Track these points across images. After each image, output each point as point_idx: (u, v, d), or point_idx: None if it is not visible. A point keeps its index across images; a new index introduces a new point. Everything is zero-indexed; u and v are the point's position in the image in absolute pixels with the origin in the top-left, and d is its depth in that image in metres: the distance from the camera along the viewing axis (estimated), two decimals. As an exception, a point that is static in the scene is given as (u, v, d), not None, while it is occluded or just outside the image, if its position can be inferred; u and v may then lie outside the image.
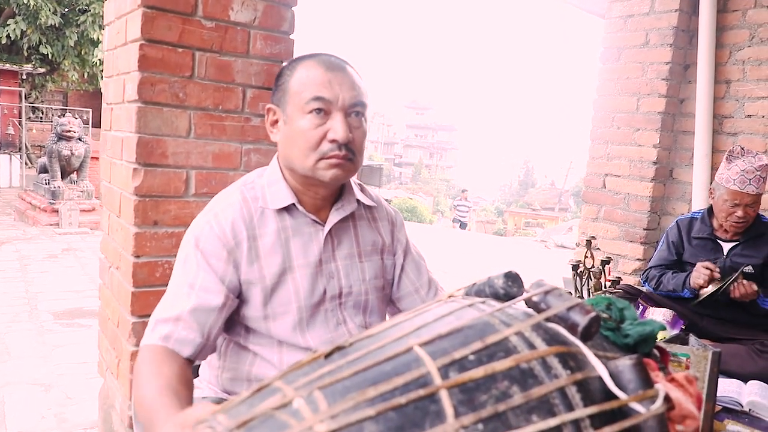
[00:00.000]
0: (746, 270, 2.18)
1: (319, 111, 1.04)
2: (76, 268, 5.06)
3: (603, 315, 0.69)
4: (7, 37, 11.32)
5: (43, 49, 12.08)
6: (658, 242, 2.66)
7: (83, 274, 4.89)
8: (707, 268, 2.21)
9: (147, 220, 1.70)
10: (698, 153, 3.11)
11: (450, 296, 0.71)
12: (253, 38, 1.82)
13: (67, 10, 12.11)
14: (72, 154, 7.63)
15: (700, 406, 0.63)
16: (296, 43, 1.92)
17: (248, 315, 1.09)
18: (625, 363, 0.57)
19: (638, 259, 3.29)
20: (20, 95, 12.58)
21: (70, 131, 7.55)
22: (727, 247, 2.34)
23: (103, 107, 2.03)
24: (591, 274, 2.66)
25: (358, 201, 1.20)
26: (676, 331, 2.16)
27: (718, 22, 3.07)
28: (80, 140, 7.75)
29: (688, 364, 1.46)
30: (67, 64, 12.84)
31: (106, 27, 2.00)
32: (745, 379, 1.96)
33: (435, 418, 0.49)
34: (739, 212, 2.22)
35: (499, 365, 0.53)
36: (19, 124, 12.67)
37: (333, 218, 1.14)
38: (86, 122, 10.93)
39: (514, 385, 0.52)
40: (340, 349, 0.58)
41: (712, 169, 3.06)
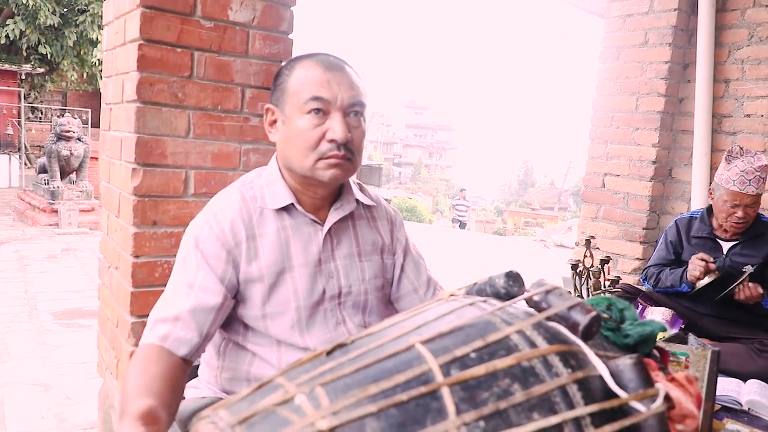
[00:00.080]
0: (745, 269, 2.19)
1: (318, 111, 1.04)
2: (76, 269, 5.06)
3: (603, 315, 0.69)
4: (6, 37, 11.30)
5: (42, 49, 12.07)
6: (657, 241, 2.67)
7: (83, 274, 4.88)
8: (702, 260, 2.22)
9: (146, 220, 1.70)
10: (697, 152, 3.11)
11: (451, 295, 0.71)
12: (252, 38, 1.82)
13: (66, 10, 12.10)
14: (71, 154, 7.62)
15: (699, 406, 0.63)
16: (295, 43, 1.93)
17: (247, 314, 1.09)
18: (626, 362, 0.57)
19: (637, 259, 3.29)
20: (19, 95, 12.57)
21: (69, 131, 7.54)
22: (726, 246, 2.35)
23: (102, 107, 2.03)
24: (590, 273, 2.66)
25: (358, 201, 1.20)
26: (675, 331, 2.16)
27: (717, 22, 3.07)
28: (79, 140, 7.74)
29: (687, 363, 1.46)
30: (66, 64, 12.82)
31: (104, 27, 2.00)
32: (744, 378, 1.96)
33: (436, 415, 0.49)
34: (739, 213, 2.22)
35: (501, 363, 0.53)
36: (18, 124, 12.66)
37: (332, 218, 1.14)
38: (85, 122, 10.91)
39: (515, 383, 0.52)
40: (342, 346, 0.58)
41: (712, 168, 3.07)
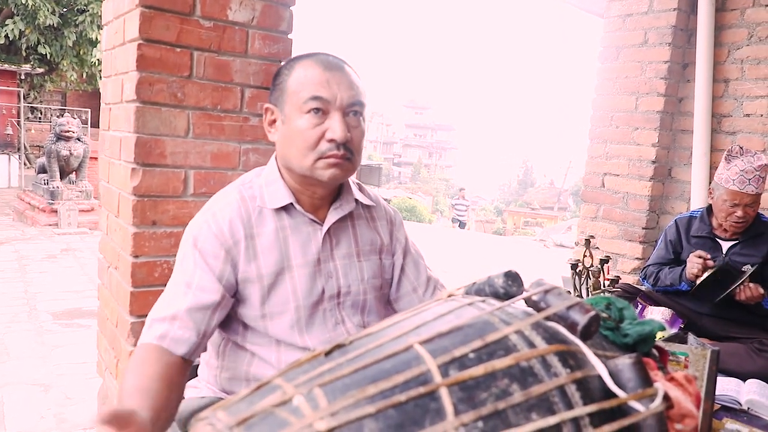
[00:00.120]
0: (744, 269, 2.19)
1: (317, 110, 1.04)
2: (75, 269, 5.05)
3: (602, 314, 0.69)
4: (6, 37, 11.28)
5: (41, 49, 12.05)
6: (656, 241, 2.67)
7: (82, 274, 4.88)
8: (700, 257, 2.22)
9: (145, 220, 1.70)
10: (697, 152, 3.11)
11: (450, 295, 0.71)
12: (252, 38, 1.82)
13: (65, 10, 12.08)
14: (71, 154, 7.61)
15: (698, 405, 0.63)
16: (294, 42, 1.93)
17: (246, 314, 1.09)
18: (625, 362, 0.57)
19: (637, 258, 3.29)
20: (19, 95, 12.55)
21: (68, 131, 7.52)
22: (726, 245, 2.35)
23: (101, 107, 2.03)
24: (590, 273, 2.67)
25: (357, 200, 1.19)
26: (674, 330, 2.16)
27: (717, 21, 3.07)
28: (79, 140, 7.73)
29: (686, 362, 1.46)
30: (65, 64, 12.81)
31: (104, 27, 2.00)
32: (743, 377, 1.96)
33: (435, 415, 0.49)
34: (739, 212, 2.22)
35: (499, 363, 0.53)
36: (18, 124, 12.65)
37: (331, 218, 1.14)
38: (85, 122, 10.88)
39: (513, 384, 0.52)
40: (340, 347, 0.58)
41: (711, 167, 3.07)
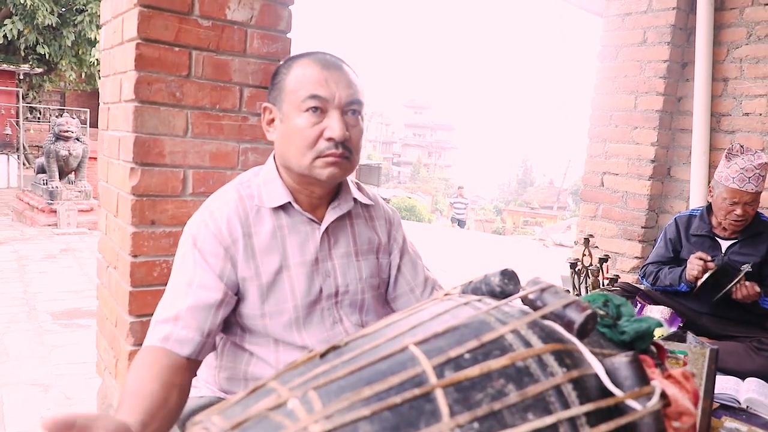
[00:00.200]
0: (744, 268, 2.18)
1: (316, 109, 1.03)
2: (75, 269, 5.05)
3: (599, 312, 0.69)
4: (4, 37, 11.26)
5: (40, 49, 12.03)
6: (656, 240, 2.66)
7: (81, 274, 4.88)
8: (700, 258, 2.22)
9: (144, 219, 1.70)
10: (696, 151, 3.11)
11: (446, 294, 0.70)
12: (250, 37, 1.81)
13: (64, 9, 12.06)
14: (70, 154, 7.60)
15: (696, 403, 0.62)
16: (293, 41, 1.92)
17: (245, 313, 1.09)
18: (622, 360, 0.57)
19: (636, 257, 3.29)
20: (17, 95, 12.56)
21: (67, 131, 7.52)
22: (725, 244, 2.34)
23: (100, 107, 2.02)
24: (589, 272, 2.67)
25: (355, 200, 1.19)
26: (674, 329, 2.16)
27: (716, 20, 3.07)
28: (78, 140, 7.72)
29: (685, 361, 1.46)
30: (64, 64, 12.79)
31: (102, 26, 2.00)
32: (742, 376, 1.96)
33: (430, 417, 0.48)
34: (739, 210, 2.22)
35: (495, 363, 0.53)
36: (17, 124, 12.66)
37: (329, 217, 1.14)
38: (84, 122, 10.89)
39: (509, 384, 0.52)
40: (335, 348, 0.58)
41: (710, 166, 3.07)
